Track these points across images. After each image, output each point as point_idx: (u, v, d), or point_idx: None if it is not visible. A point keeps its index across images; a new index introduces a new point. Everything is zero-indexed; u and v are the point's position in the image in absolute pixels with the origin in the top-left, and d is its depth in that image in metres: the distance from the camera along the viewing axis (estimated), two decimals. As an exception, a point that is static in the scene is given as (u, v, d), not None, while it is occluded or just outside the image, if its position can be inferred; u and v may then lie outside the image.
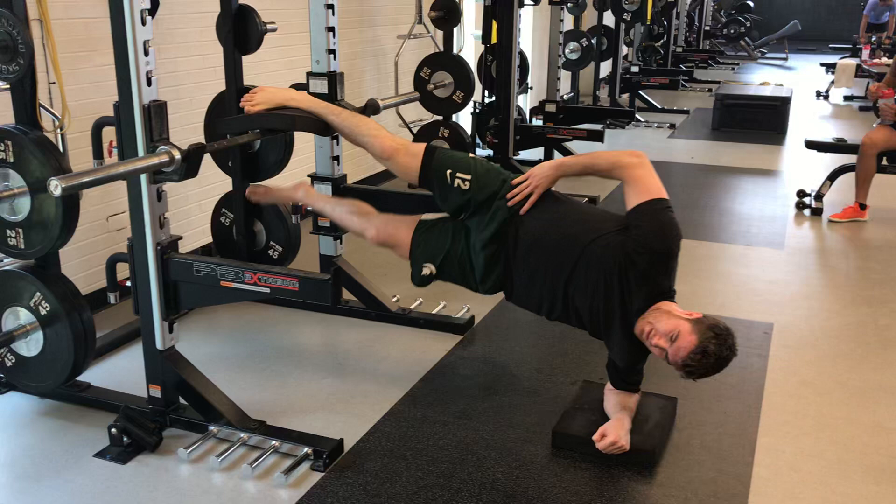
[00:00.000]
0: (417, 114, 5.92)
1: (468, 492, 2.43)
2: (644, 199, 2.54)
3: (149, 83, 2.41)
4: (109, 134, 2.68)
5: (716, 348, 2.37)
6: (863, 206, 5.28)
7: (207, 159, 3.73)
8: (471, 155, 2.87)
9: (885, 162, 5.28)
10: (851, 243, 4.94)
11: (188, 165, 2.42)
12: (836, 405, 3.00)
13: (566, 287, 2.59)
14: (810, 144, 5.74)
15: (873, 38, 11.74)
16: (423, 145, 2.86)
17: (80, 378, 2.90)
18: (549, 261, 2.60)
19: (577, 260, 2.55)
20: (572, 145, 6.59)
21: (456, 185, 2.74)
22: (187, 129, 4.00)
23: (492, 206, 2.70)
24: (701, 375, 2.43)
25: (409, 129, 5.77)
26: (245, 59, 3.50)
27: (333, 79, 3.40)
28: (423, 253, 2.81)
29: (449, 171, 2.75)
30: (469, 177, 2.73)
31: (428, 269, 2.80)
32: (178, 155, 2.39)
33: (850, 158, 5.43)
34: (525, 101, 8.10)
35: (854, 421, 2.89)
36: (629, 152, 2.67)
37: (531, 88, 8.00)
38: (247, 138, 2.97)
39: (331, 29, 3.38)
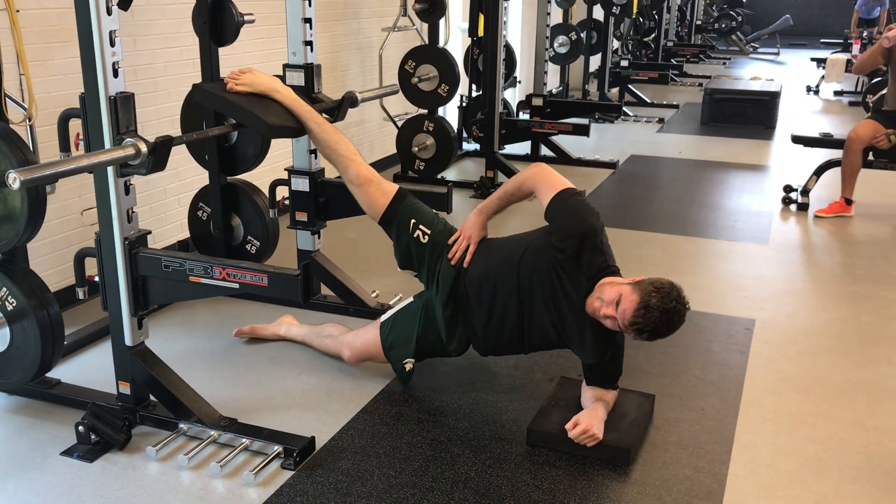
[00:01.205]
0: (402, 107, 5.88)
1: (440, 490, 2.40)
2: (551, 196, 2.64)
3: (115, 74, 2.36)
4: (77, 126, 2.62)
5: (658, 301, 2.42)
6: (848, 202, 5.26)
7: (185, 152, 3.72)
8: (434, 211, 3.00)
9: (871, 157, 5.26)
10: (836, 239, 4.92)
11: (155, 158, 2.37)
12: (816, 402, 2.97)
13: (522, 308, 2.70)
14: (796, 139, 5.72)
15: (864, 34, 11.73)
16: (395, 186, 2.98)
17: (50, 375, 2.86)
18: (498, 291, 2.74)
19: (518, 276, 2.68)
20: (558, 139, 6.56)
21: (416, 235, 2.89)
22: (164, 121, 3.96)
23: (439, 266, 2.85)
24: (653, 332, 2.46)
25: (394, 122, 5.73)
26: (224, 50, 3.47)
27: (311, 71, 3.36)
28: (398, 353, 2.94)
29: (413, 221, 2.90)
30: (430, 231, 2.89)
31: (409, 363, 2.94)
32: (144, 148, 2.34)
33: (837, 153, 5.41)
34: (513, 95, 8.06)
35: (833, 418, 2.86)
36: (529, 167, 2.80)
37: (519, 82, 7.96)
38: (218, 130, 2.92)
39: (307, 20, 3.33)
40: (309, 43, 3.35)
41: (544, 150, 6.64)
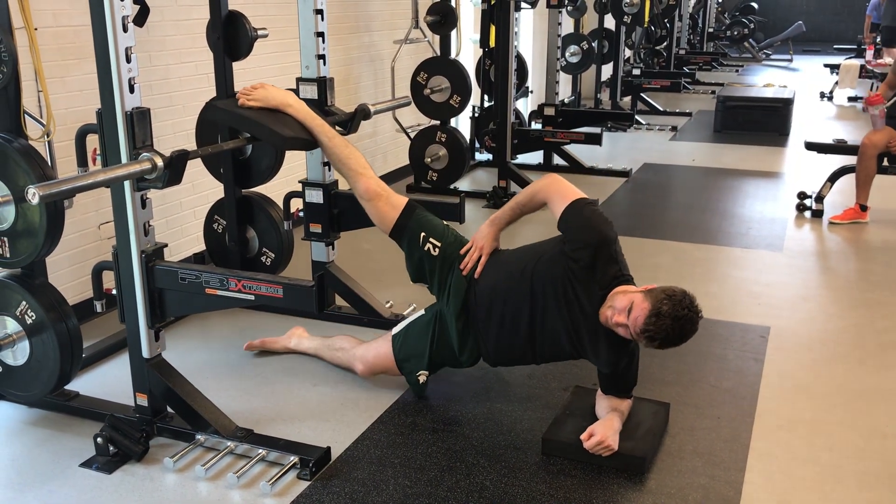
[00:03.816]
0: (415, 118, 5.91)
1: (455, 499, 2.40)
2: (564, 206, 2.65)
3: (131, 90, 2.39)
4: (94, 142, 2.66)
5: (670, 308, 2.41)
6: (863, 208, 5.24)
7: (200, 166, 3.76)
8: (444, 223, 3.00)
9: (885, 163, 5.23)
10: (851, 245, 4.89)
11: (171, 172, 2.40)
12: (832, 409, 2.96)
13: (534, 318, 2.70)
14: (810, 146, 5.70)
15: (877, 39, 11.68)
16: (404, 199, 2.98)
17: (68, 387, 2.89)
18: (509, 302, 2.74)
19: (532, 286, 2.69)
20: (571, 149, 6.57)
21: (426, 248, 2.89)
22: (180, 135, 4.00)
23: (450, 278, 2.85)
24: (664, 340, 2.45)
25: (407, 134, 5.76)
26: (238, 65, 3.50)
27: (324, 84, 3.39)
28: (412, 365, 2.94)
29: (423, 234, 2.90)
30: (440, 244, 2.89)
31: (423, 376, 2.93)
32: (160, 162, 2.37)
33: (851, 160, 5.39)
34: (525, 105, 8.08)
35: (849, 425, 2.85)
36: (542, 178, 2.81)
37: (531, 92, 7.97)
38: (233, 144, 2.95)
39: (320, 34, 3.37)
40: (322, 56, 3.39)
41: (557, 160, 6.65)
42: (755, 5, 16.30)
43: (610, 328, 2.55)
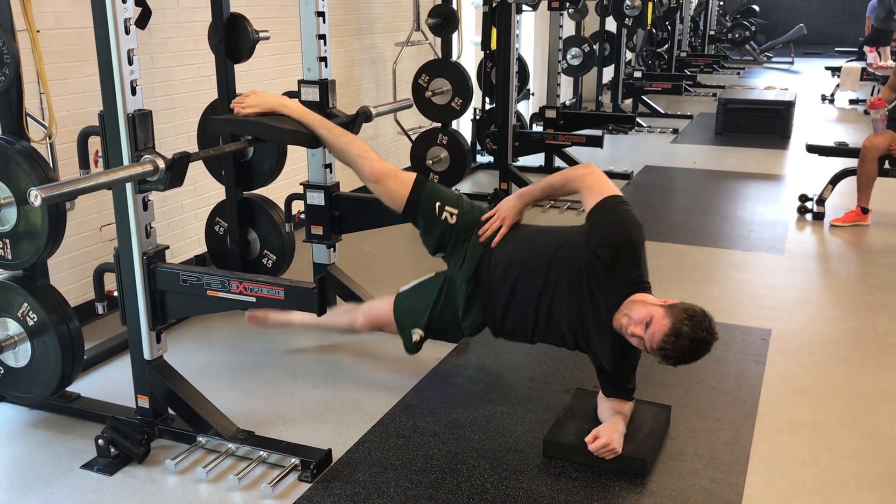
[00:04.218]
0: (416, 121, 5.91)
1: (456, 502, 2.40)
2: (598, 199, 2.61)
3: (133, 92, 2.40)
4: (96, 144, 2.66)
5: (690, 330, 2.37)
6: (865, 210, 5.24)
7: (202, 168, 3.76)
8: (456, 190, 2.92)
9: (887, 165, 5.24)
10: (853, 248, 4.89)
11: (173, 174, 2.41)
12: (833, 412, 2.96)
13: (541, 300, 2.65)
14: (811, 148, 5.70)
15: (861, 39, 11.65)
16: (413, 174, 2.92)
17: (70, 389, 2.89)
18: (521, 279, 2.68)
19: (548, 271, 2.62)
20: (572, 151, 6.57)
21: (443, 217, 2.82)
22: (182, 137, 4.00)
23: (467, 244, 2.79)
24: (679, 360, 2.42)
25: (408, 136, 5.76)
26: (240, 67, 3.51)
27: (325, 87, 3.39)
28: (408, 320, 2.89)
29: (438, 204, 2.83)
30: (456, 211, 2.83)
31: (417, 334, 2.87)
32: (162, 164, 2.37)
33: (852, 162, 5.39)
34: (526, 108, 8.08)
35: (850, 428, 2.85)
36: (579, 165, 2.79)
37: (532, 94, 7.98)
38: (234, 146, 2.95)
39: (322, 37, 3.37)
40: (323, 59, 3.39)
41: (558, 162, 6.65)
42: (756, 8, 16.31)
43: (621, 334, 2.51)
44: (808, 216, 5.44)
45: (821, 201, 5.42)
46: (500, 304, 2.74)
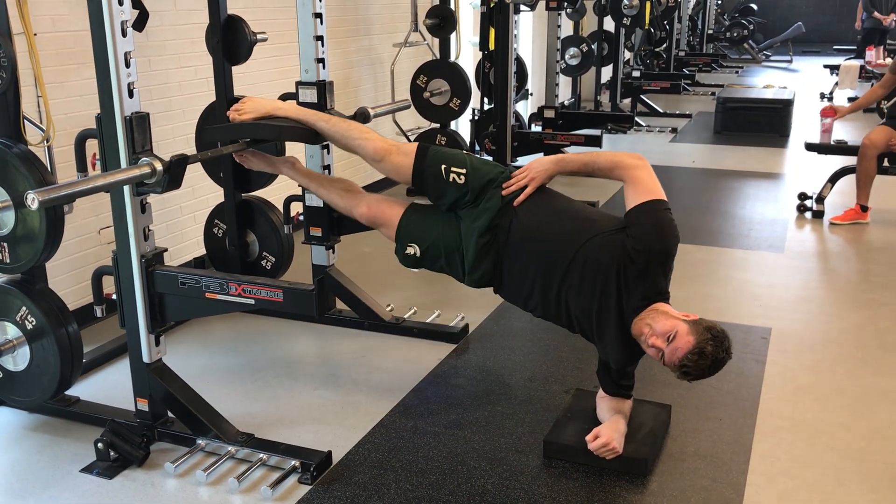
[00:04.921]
0: (415, 122, 5.91)
1: (457, 503, 2.40)
2: (644, 199, 2.53)
3: (130, 95, 2.39)
4: (94, 147, 2.66)
5: (713, 350, 2.35)
6: (864, 208, 5.23)
7: (200, 170, 3.76)
8: (465, 151, 2.83)
9: (886, 163, 5.23)
10: (852, 246, 4.89)
11: (171, 177, 2.40)
12: (834, 410, 2.95)
13: (560, 285, 2.54)
14: (810, 147, 5.69)
15: (858, 37, 11.64)
16: (415, 144, 2.81)
17: (69, 392, 2.89)
18: (544, 257, 2.56)
19: (574, 257, 2.51)
20: (570, 151, 6.56)
21: (451, 179, 2.69)
22: (180, 140, 4.00)
23: (486, 195, 2.66)
24: (696, 377, 2.40)
25: (407, 136, 5.75)
26: (237, 69, 3.50)
27: (323, 88, 3.37)
28: (409, 233, 2.77)
29: (444, 167, 2.70)
30: (464, 170, 2.69)
31: (412, 248, 2.75)
32: (159, 166, 2.37)
33: (851, 160, 5.38)
34: (525, 108, 8.08)
35: (851, 427, 2.84)
36: (631, 154, 2.67)
37: (531, 94, 7.98)
38: (233, 148, 2.95)
39: (319, 38, 3.35)
40: (321, 60, 3.37)
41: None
42: (755, 6, 16.30)
43: (636, 340, 2.47)
44: (808, 214, 5.44)
45: (820, 199, 5.42)
46: (512, 272, 2.63)
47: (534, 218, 2.61)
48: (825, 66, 12.33)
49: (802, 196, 5.54)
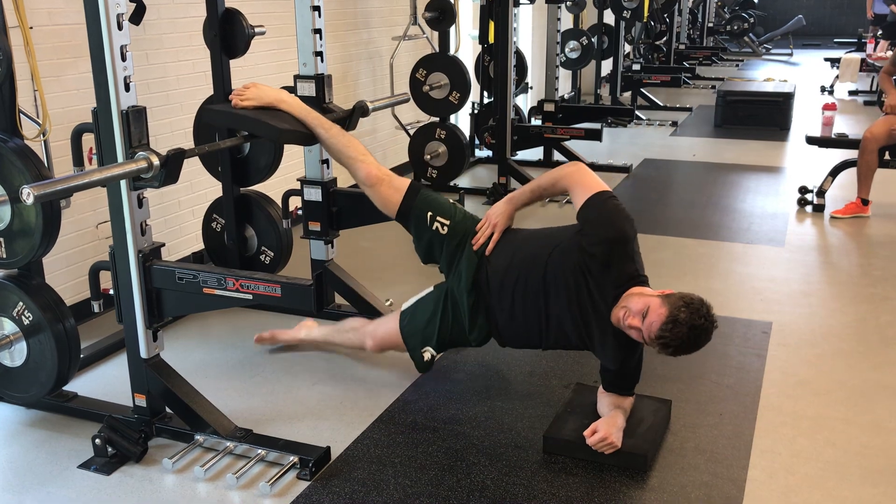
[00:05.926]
0: (414, 115, 5.89)
1: (456, 499, 2.39)
2: (586, 196, 2.59)
3: (127, 89, 2.37)
4: (90, 141, 2.64)
5: (687, 316, 2.36)
6: (865, 202, 5.22)
7: (198, 165, 3.74)
8: (451, 200, 2.95)
9: (887, 156, 5.21)
10: (853, 239, 4.87)
11: (168, 171, 2.39)
12: (835, 405, 2.94)
13: (546, 308, 2.65)
14: (811, 140, 5.68)
15: (879, 32, 11.63)
16: (407, 181, 2.93)
17: (67, 388, 2.87)
18: (521, 285, 2.68)
19: (545, 275, 2.63)
20: (571, 144, 6.55)
21: (435, 227, 2.84)
22: (178, 133, 3.98)
23: (461, 254, 2.80)
24: (678, 348, 2.40)
25: (406, 130, 5.74)
26: (236, 62, 3.48)
27: (321, 81, 3.37)
28: (417, 341, 2.90)
29: (430, 214, 2.85)
30: (448, 222, 2.84)
31: (428, 353, 2.88)
32: (156, 161, 2.35)
33: (852, 153, 5.37)
34: (525, 101, 8.05)
35: (852, 421, 2.83)
36: (567, 164, 2.76)
37: (531, 88, 7.95)
38: (230, 142, 2.93)
39: (317, 31, 3.34)
40: (319, 53, 3.36)
41: (557, 156, 6.63)
42: (755, -1, 16.28)
43: (621, 328, 2.50)
44: (809, 208, 5.42)
45: (821, 193, 5.40)
46: (503, 313, 2.74)
47: (503, 258, 2.74)
48: (826, 60, 12.29)
49: (803, 190, 5.52)
